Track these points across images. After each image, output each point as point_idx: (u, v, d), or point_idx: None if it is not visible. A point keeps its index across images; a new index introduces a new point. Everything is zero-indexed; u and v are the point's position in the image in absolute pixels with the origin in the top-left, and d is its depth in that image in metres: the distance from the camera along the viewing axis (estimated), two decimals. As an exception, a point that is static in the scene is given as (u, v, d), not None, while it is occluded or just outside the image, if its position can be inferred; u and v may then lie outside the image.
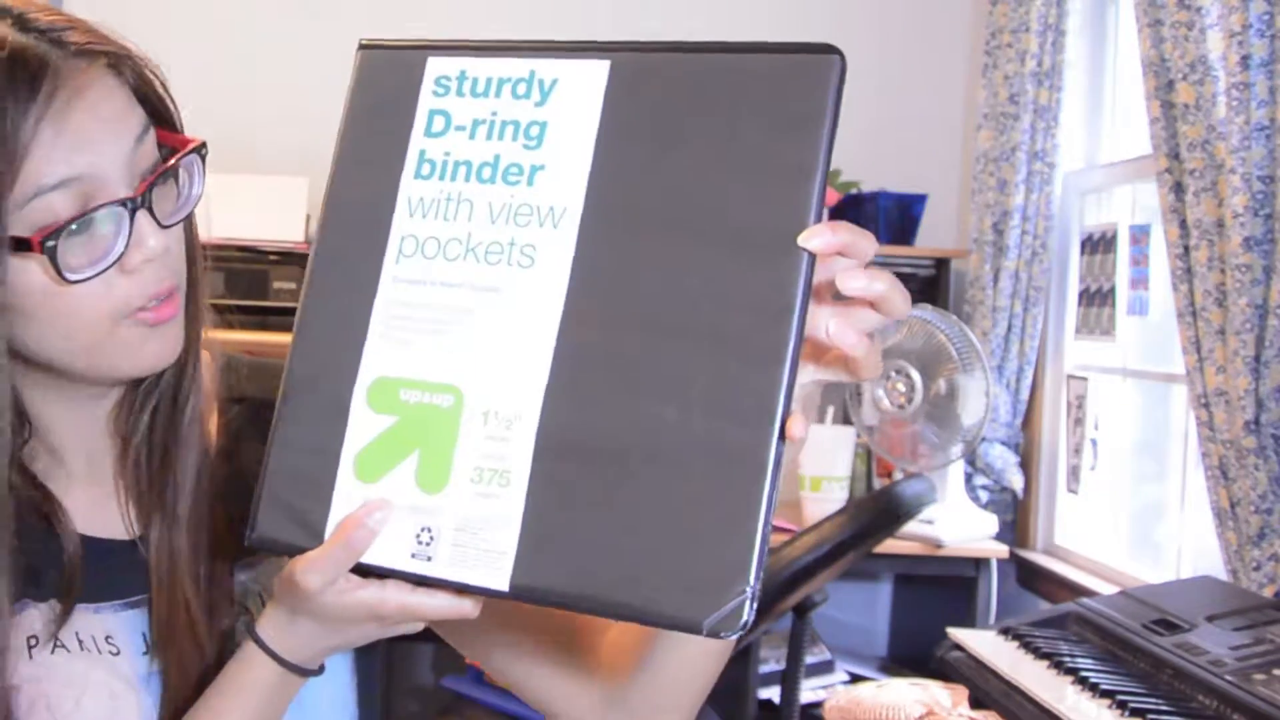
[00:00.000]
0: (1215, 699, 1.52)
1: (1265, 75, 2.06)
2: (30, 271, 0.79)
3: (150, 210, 0.82)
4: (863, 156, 3.47)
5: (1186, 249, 2.25)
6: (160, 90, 0.87)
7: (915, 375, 2.85)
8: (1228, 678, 1.53)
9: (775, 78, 0.69)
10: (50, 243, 0.78)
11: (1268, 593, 2.00)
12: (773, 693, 2.86)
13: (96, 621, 0.88)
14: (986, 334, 3.11)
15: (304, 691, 0.86)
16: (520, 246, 0.73)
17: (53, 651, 0.86)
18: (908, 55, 3.55)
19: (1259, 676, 1.51)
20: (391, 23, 3.35)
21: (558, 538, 0.69)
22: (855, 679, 3.02)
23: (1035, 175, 3.05)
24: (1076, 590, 2.73)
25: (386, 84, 0.79)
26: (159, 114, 0.87)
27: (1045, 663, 1.75)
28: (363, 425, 0.75)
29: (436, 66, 0.78)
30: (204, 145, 0.86)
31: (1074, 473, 3.04)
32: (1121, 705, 1.57)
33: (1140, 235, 2.77)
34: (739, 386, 0.68)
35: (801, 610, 1.98)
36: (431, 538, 0.72)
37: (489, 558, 0.71)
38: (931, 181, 3.44)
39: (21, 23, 0.80)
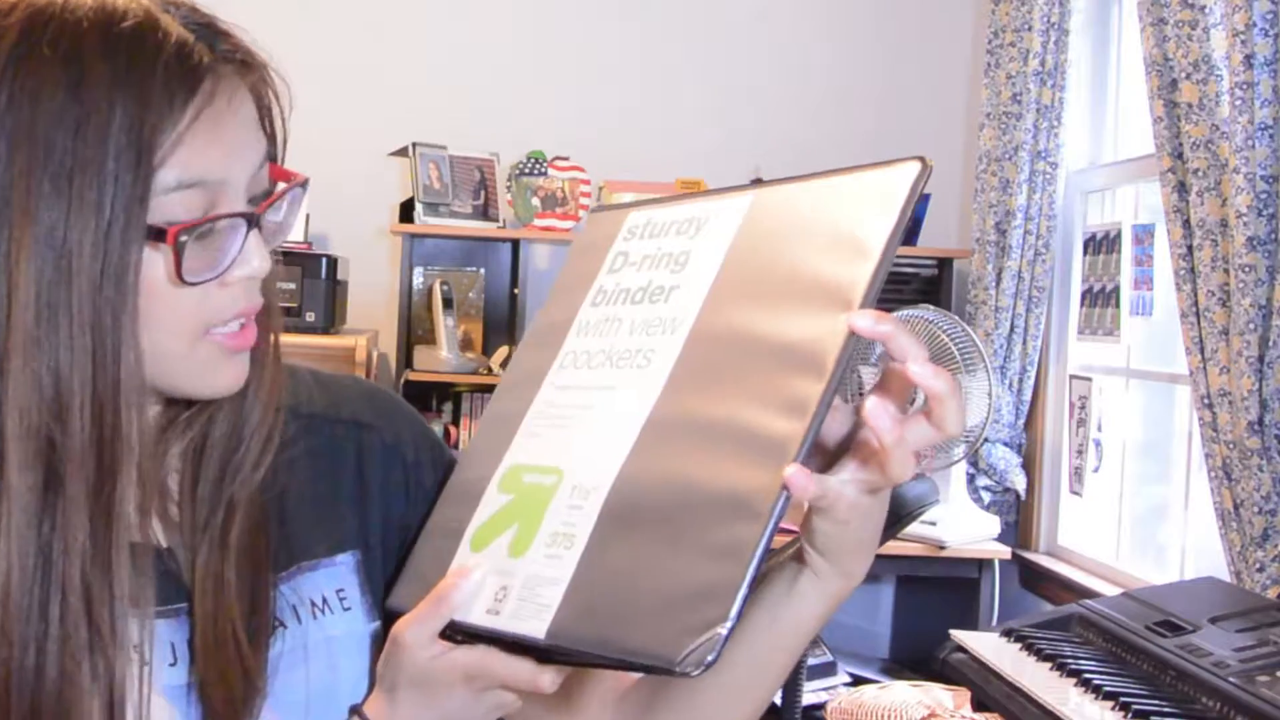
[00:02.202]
0: (1219, 701, 1.52)
1: (1269, 74, 2.06)
2: (153, 264, 0.79)
3: (261, 231, 0.82)
4: (863, 156, 3.45)
5: (1190, 249, 2.24)
6: (281, 121, 0.88)
7: (917, 376, 2.85)
8: (1231, 679, 1.52)
9: (862, 188, 0.77)
10: (183, 238, 0.78)
11: (1271, 594, 1.99)
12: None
13: (131, 628, 0.85)
14: (989, 334, 3.10)
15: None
16: (644, 351, 0.83)
17: None
18: (909, 55, 3.55)
19: (1262, 678, 1.50)
20: (395, 28, 3.35)
21: (585, 590, 0.75)
22: (857, 681, 3.01)
23: (1038, 175, 3.04)
24: (1079, 592, 2.72)
25: (596, 233, 0.93)
26: (273, 142, 0.88)
27: (1048, 664, 1.74)
28: (488, 505, 0.85)
29: (633, 219, 0.91)
30: (307, 181, 0.88)
31: (1077, 474, 3.03)
32: (1125, 707, 1.56)
33: (1143, 235, 2.77)
34: (759, 434, 0.72)
35: (803, 611, 1.96)
36: (504, 595, 0.79)
37: (537, 610, 0.76)
38: (934, 181, 3.43)
39: (187, 20, 0.81)
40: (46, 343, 0.78)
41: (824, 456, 0.78)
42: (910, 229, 3.31)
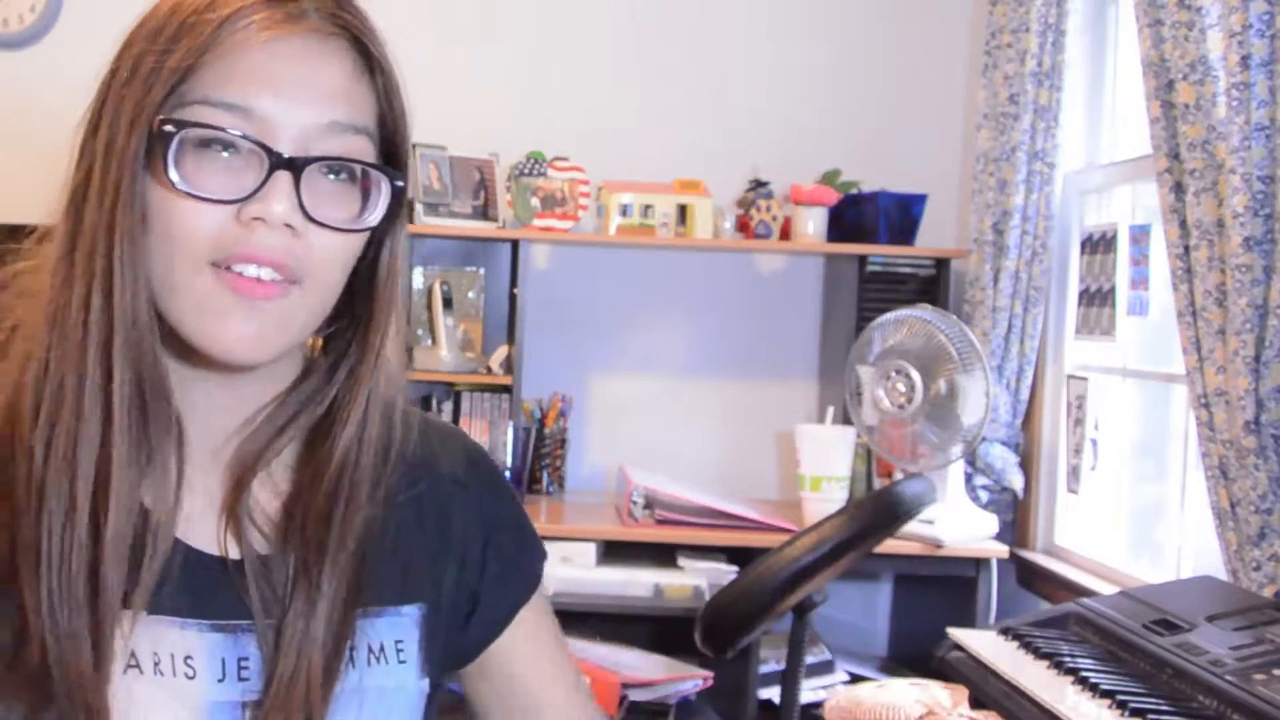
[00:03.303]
0: (1215, 699, 1.52)
1: (1265, 75, 2.06)
2: (159, 169, 0.79)
3: (298, 185, 0.80)
4: (863, 156, 3.47)
5: (1186, 249, 2.25)
6: (399, 121, 0.87)
7: (915, 375, 2.85)
8: (1228, 678, 1.53)
9: None
10: (168, 128, 0.78)
11: (1268, 593, 2.00)
12: (773, 693, 2.86)
13: (179, 639, 0.83)
14: (987, 334, 3.11)
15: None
16: None
17: (124, 671, 0.81)
18: (908, 55, 3.55)
19: (1259, 676, 1.51)
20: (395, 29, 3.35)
21: None
22: (855, 679, 3.02)
23: (1035, 175, 3.05)
24: (1076, 590, 2.73)
25: None
26: (390, 147, 0.87)
27: (1045, 663, 1.75)
28: None
29: None
30: (404, 186, 0.86)
31: (1074, 473, 3.04)
32: (1122, 705, 1.56)
33: (1140, 235, 2.77)
34: None
35: (801, 610, 1.97)
36: None
37: None
38: (931, 181, 3.44)
39: None
40: (90, 228, 0.80)
41: None
42: (909, 229, 3.32)
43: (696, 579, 2.97)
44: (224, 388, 0.87)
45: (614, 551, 3.08)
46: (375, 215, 0.85)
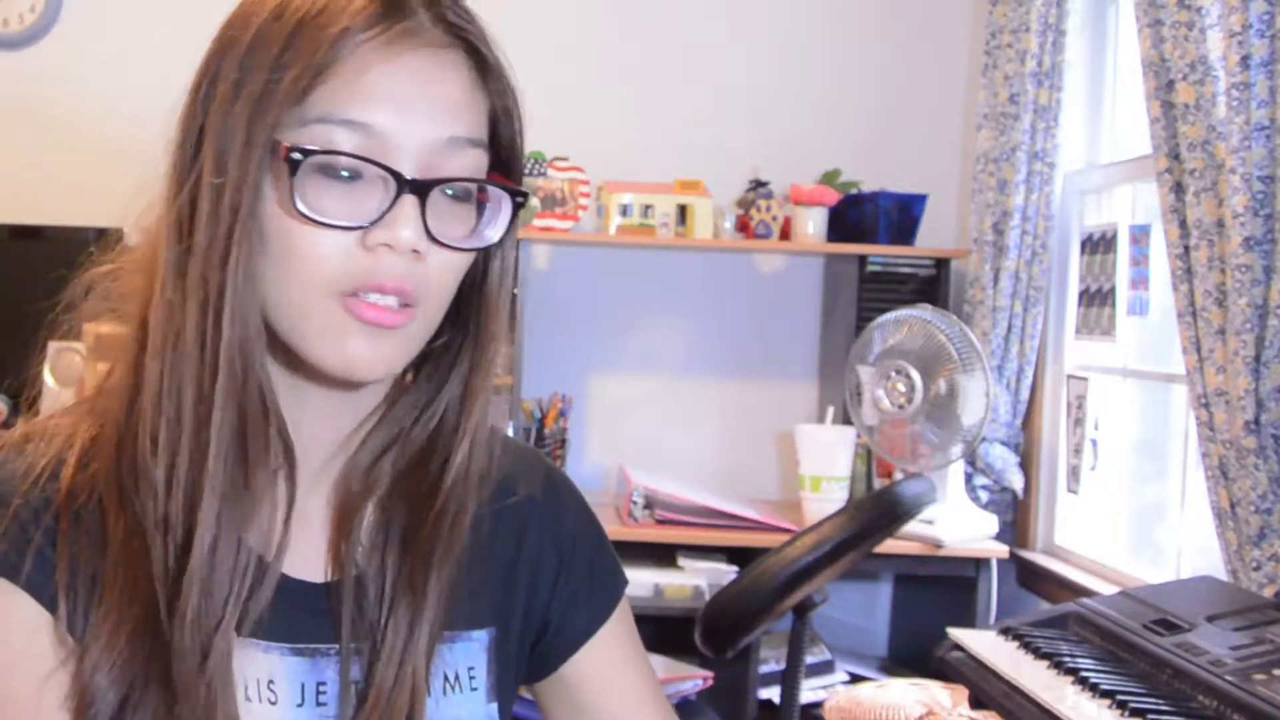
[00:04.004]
0: (1215, 699, 1.52)
1: (1265, 75, 2.06)
2: (281, 191, 0.77)
3: (424, 208, 0.78)
4: (863, 156, 3.47)
5: (1186, 249, 2.25)
6: (514, 128, 0.85)
7: (915, 375, 2.85)
8: (1228, 678, 1.53)
9: None
10: (295, 156, 0.75)
11: (1268, 593, 2.00)
12: (773, 693, 2.86)
13: (264, 662, 0.82)
14: (986, 334, 3.11)
15: None
16: None
17: None
18: (908, 55, 3.55)
19: (1259, 676, 1.51)
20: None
21: None
22: (855, 679, 3.02)
23: (1035, 175, 3.05)
24: (1076, 590, 2.73)
25: None
26: (505, 155, 0.85)
27: (1045, 663, 1.74)
28: None
29: None
30: (525, 196, 0.84)
31: (1074, 473, 3.04)
32: (1122, 705, 1.56)
33: (1140, 235, 2.77)
34: None
35: (801, 610, 1.97)
36: None
37: None
38: (931, 181, 3.44)
39: None
40: (203, 252, 0.77)
41: None
42: (909, 229, 3.32)
43: (696, 579, 2.97)
44: (332, 398, 0.85)
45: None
46: (496, 231, 0.83)
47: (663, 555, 3.07)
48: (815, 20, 3.56)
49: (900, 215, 3.30)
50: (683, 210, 3.30)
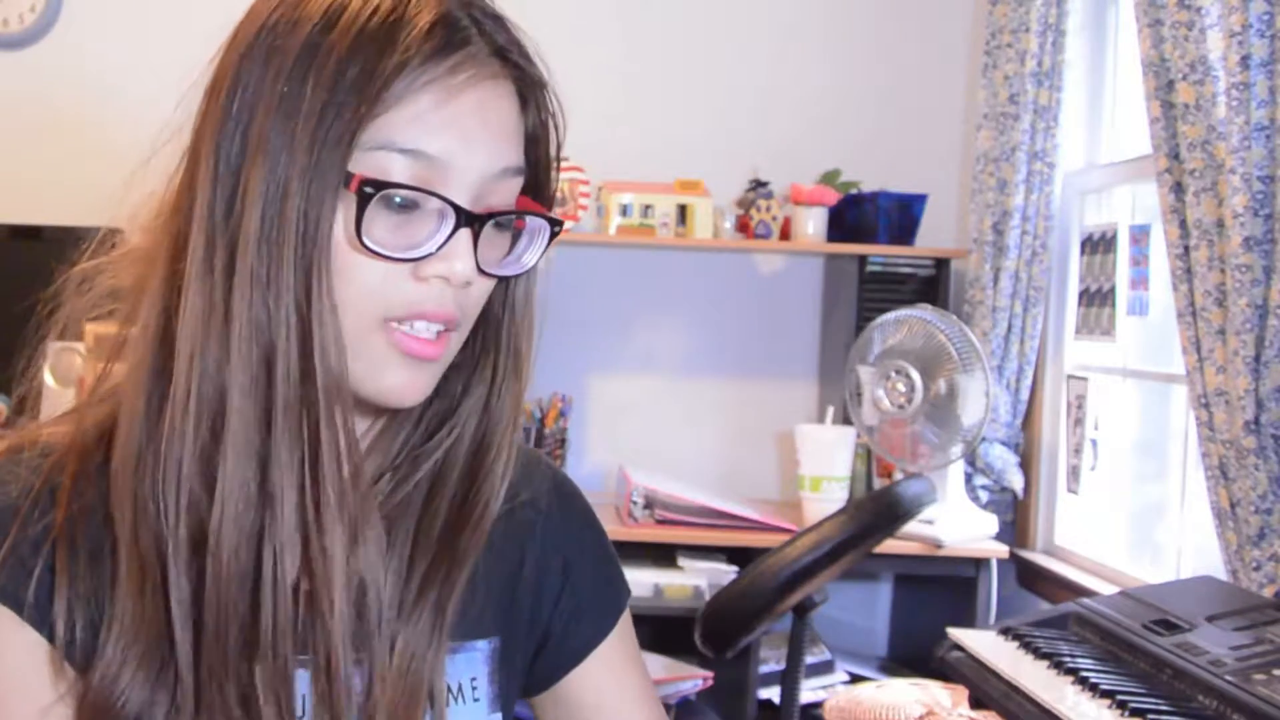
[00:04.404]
0: (1215, 699, 1.52)
1: (1265, 75, 2.06)
2: (348, 221, 0.76)
3: (476, 239, 0.78)
4: (863, 156, 3.47)
5: (1186, 249, 2.25)
6: (551, 151, 0.85)
7: (915, 375, 2.85)
8: (1228, 678, 1.53)
9: None
10: (368, 190, 0.74)
11: (1268, 593, 2.00)
12: (773, 693, 2.86)
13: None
14: (986, 334, 3.11)
15: None
16: None
17: None
18: (908, 55, 3.55)
19: (1259, 676, 1.51)
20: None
21: None
22: (855, 679, 3.02)
23: (1035, 175, 3.05)
24: (1076, 590, 2.73)
25: None
26: (537, 178, 0.85)
27: (1045, 663, 1.74)
28: None
29: None
30: (561, 224, 0.84)
31: (1074, 473, 3.04)
32: (1121, 705, 1.56)
33: (1140, 235, 2.77)
34: None
35: (801, 610, 1.97)
36: None
37: None
38: (931, 181, 3.44)
39: (468, 4, 0.80)
40: (266, 282, 0.74)
41: None
42: (909, 229, 3.32)
43: (696, 579, 2.97)
44: (357, 415, 0.84)
45: (614, 551, 3.08)
46: (533, 255, 0.84)
47: (663, 555, 3.07)
48: (815, 20, 3.56)
49: (900, 215, 3.30)
50: (683, 210, 3.30)
